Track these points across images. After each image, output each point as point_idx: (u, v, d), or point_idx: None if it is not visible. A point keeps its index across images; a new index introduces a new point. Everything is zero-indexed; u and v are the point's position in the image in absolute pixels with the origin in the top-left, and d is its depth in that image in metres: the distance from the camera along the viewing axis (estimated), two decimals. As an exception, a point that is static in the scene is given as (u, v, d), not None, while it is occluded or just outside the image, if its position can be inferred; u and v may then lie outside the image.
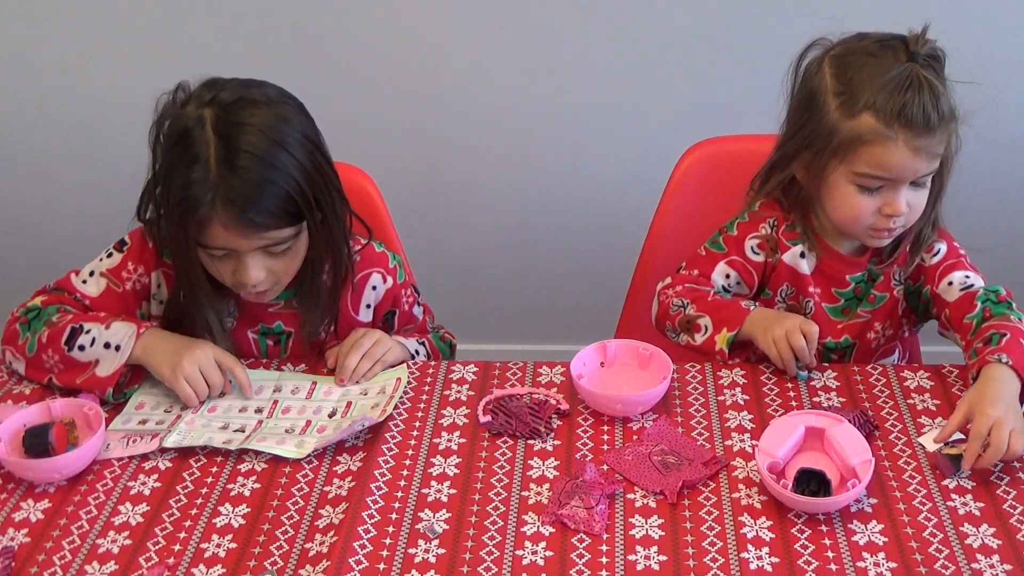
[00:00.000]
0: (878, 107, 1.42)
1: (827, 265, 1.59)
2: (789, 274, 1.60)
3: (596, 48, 2.29)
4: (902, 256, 1.57)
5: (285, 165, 1.40)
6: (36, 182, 2.53)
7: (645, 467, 1.33)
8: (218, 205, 1.37)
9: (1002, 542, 1.20)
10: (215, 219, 1.39)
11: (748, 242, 1.61)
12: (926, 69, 1.42)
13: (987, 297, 1.47)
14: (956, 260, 1.55)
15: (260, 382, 1.53)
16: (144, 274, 1.57)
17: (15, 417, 1.39)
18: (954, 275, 1.53)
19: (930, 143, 1.42)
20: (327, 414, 1.46)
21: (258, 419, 1.46)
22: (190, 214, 1.39)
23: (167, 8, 2.25)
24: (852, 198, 1.48)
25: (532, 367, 1.54)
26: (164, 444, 1.39)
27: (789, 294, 1.62)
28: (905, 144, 1.42)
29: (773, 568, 1.18)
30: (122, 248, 1.58)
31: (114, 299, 1.56)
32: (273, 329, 1.61)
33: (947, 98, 1.42)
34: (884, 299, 1.59)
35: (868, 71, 1.44)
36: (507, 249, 2.58)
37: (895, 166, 1.44)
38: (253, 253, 1.43)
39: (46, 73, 2.38)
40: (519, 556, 1.21)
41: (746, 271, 1.62)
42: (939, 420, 1.39)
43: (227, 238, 1.41)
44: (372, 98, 2.37)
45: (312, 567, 1.20)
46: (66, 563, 1.23)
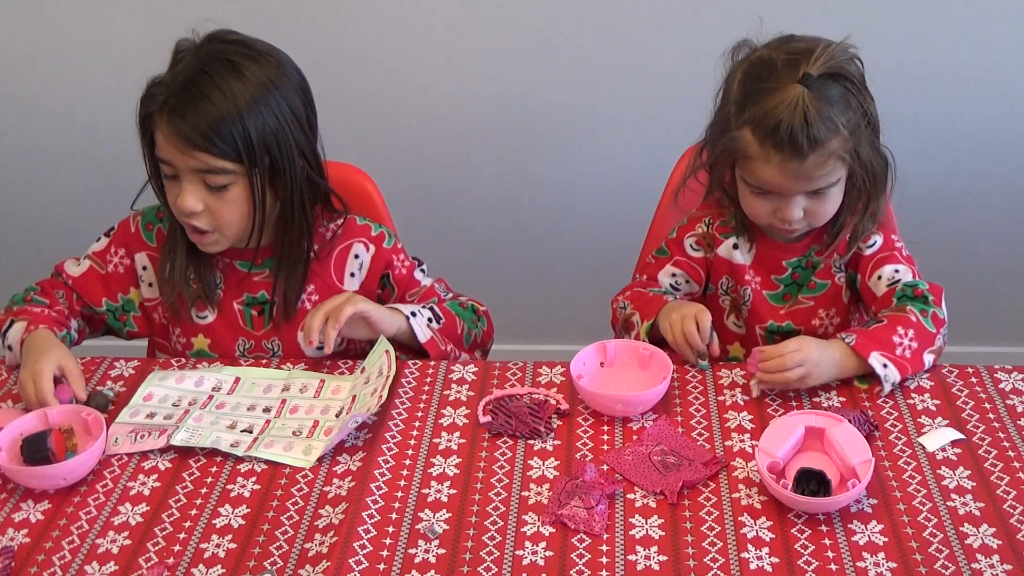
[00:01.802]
0: (755, 125, 1.45)
1: (763, 253, 1.63)
2: (726, 266, 1.65)
3: (596, 48, 2.29)
4: (842, 244, 1.59)
5: (241, 103, 1.46)
6: (42, 179, 2.54)
7: (645, 467, 1.33)
8: (165, 110, 1.45)
9: (1002, 542, 1.20)
10: (160, 123, 1.46)
11: (687, 240, 1.67)
12: (817, 90, 1.42)
13: (904, 293, 1.52)
14: (889, 253, 1.58)
15: (268, 380, 1.53)
16: (126, 256, 1.64)
17: (12, 426, 1.38)
18: (884, 269, 1.56)
19: (801, 167, 1.44)
20: (335, 414, 1.46)
21: (266, 419, 1.46)
22: (143, 118, 1.48)
23: (167, 7, 2.25)
24: (749, 198, 1.54)
25: (532, 367, 1.54)
26: (172, 442, 1.39)
27: (730, 286, 1.66)
28: (777, 166, 1.45)
29: (773, 568, 1.18)
30: (109, 234, 1.67)
31: (95, 279, 1.65)
32: (257, 298, 1.63)
33: (829, 121, 1.42)
34: (826, 286, 1.62)
35: (763, 85, 1.45)
36: (507, 249, 2.58)
37: (770, 183, 1.48)
38: (191, 178, 1.48)
39: (48, 73, 2.38)
40: (519, 556, 1.21)
41: (691, 268, 1.67)
42: (939, 420, 1.39)
43: (167, 148, 1.47)
44: (373, 99, 2.37)
45: (312, 567, 1.20)
46: (66, 563, 1.23)
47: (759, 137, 1.45)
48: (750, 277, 1.64)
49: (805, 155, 1.43)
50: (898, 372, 1.43)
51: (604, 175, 2.44)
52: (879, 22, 2.20)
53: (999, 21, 2.20)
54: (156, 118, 1.46)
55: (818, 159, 1.44)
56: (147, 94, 1.48)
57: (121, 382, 1.55)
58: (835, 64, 1.45)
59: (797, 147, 1.42)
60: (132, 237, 1.64)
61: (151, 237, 1.64)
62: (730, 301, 1.68)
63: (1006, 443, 1.35)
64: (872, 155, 1.51)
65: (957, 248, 2.49)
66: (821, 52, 1.44)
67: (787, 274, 1.63)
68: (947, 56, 2.23)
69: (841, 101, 1.44)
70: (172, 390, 1.51)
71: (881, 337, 1.45)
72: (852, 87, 1.46)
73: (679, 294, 1.68)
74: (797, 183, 1.47)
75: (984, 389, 1.45)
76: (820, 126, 1.42)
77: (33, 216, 2.59)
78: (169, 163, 1.48)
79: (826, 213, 1.53)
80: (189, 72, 1.46)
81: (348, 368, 1.56)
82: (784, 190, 1.49)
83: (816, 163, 1.44)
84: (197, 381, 1.53)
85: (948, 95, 2.28)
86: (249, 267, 1.61)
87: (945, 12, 2.19)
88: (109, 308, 1.65)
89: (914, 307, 1.49)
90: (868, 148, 1.50)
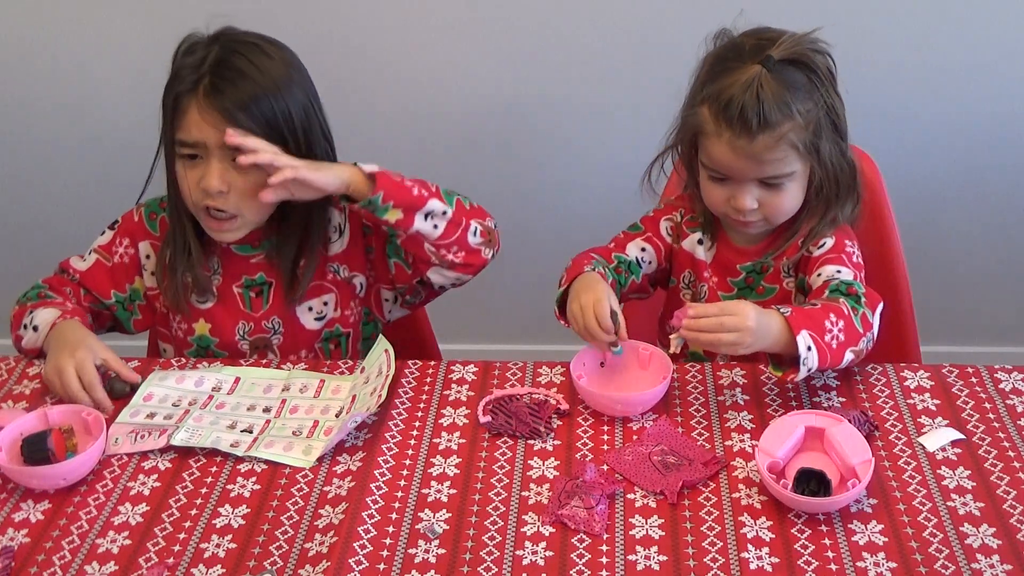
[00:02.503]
0: (711, 100, 1.45)
1: (721, 253, 1.63)
2: (689, 260, 1.65)
3: (596, 47, 2.29)
4: (792, 248, 1.58)
5: (278, 79, 1.50)
6: (41, 177, 2.54)
7: (645, 467, 1.32)
8: (199, 88, 1.46)
9: (1002, 542, 1.20)
10: (194, 102, 1.46)
11: (663, 223, 1.67)
12: (777, 73, 1.42)
13: (837, 288, 1.47)
14: (836, 255, 1.53)
15: (269, 380, 1.53)
16: (131, 246, 1.65)
17: (12, 426, 1.38)
18: (826, 268, 1.52)
19: (749, 146, 1.43)
20: (335, 414, 1.46)
21: (266, 419, 1.46)
22: (173, 100, 1.47)
23: (167, 7, 2.25)
24: (707, 184, 1.53)
25: (532, 367, 1.54)
26: (172, 442, 1.39)
27: (691, 280, 1.66)
28: (727, 143, 1.44)
29: (773, 568, 1.18)
30: (113, 227, 1.68)
31: (102, 272, 1.65)
32: (256, 280, 1.64)
33: (783, 105, 1.41)
34: (773, 291, 1.61)
35: (727, 65, 1.46)
36: (507, 249, 2.57)
37: (721, 163, 1.48)
38: (220, 156, 1.48)
39: (46, 72, 2.38)
40: (519, 556, 1.21)
41: (658, 249, 1.66)
42: (939, 420, 1.39)
43: (200, 127, 1.46)
44: (372, 98, 2.37)
45: (312, 567, 1.20)
46: (66, 563, 1.23)
47: (713, 113, 1.45)
48: (708, 275, 1.63)
49: (754, 134, 1.42)
50: (818, 360, 1.36)
51: (604, 175, 2.44)
52: (879, 22, 2.20)
53: (999, 21, 2.20)
54: (188, 98, 1.46)
55: (768, 140, 1.42)
56: (176, 77, 1.48)
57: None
58: (799, 51, 1.44)
59: (746, 124, 1.41)
60: (136, 227, 1.66)
61: (154, 226, 1.65)
62: (690, 295, 1.67)
63: (1006, 443, 1.35)
64: (836, 157, 1.49)
65: (957, 248, 2.49)
66: (788, 39, 1.45)
67: (740, 277, 1.62)
68: (947, 56, 2.23)
69: (801, 89, 1.43)
70: (172, 390, 1.51)
71: (815, 317, 1.39)
72: (816, 79, 1.45)
73: (642, 270, 1.65)
74: (746, 164, 1.45)
75: (984, 389, 1.45)
76: (772, 107, 1.41)
77: (32, 214, 2.59)
78: (198, 144, 1.48)
79: (782, 208, 1.51)
80: (220, 54, 1.48)
81: (348, 368, 1.56)
82: (735, 171, 1.47)
83: (766, 144, 1.43)
84: (197, 381, 1.53)
85: (948, 94, 2.28)
86: (248, 250, 1.62)
87: (945, 12, 2.19)
88: (118, 299, 1.66)
89: (846, 301, 1.43)
90: (831, 148, 1.48)
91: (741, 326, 1.34)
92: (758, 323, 1.35)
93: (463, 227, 1.58)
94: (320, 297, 1.66)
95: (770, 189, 1.49)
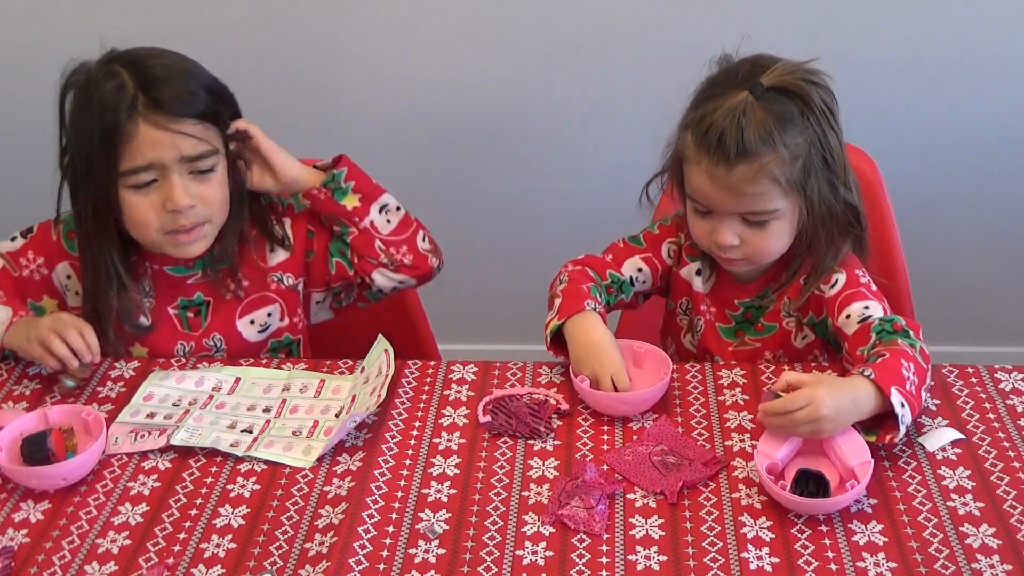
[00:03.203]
0: (695, 126, 1.41)
1: (720, 287, 1.58)
2: (686, 289, 1.61)
3: (595, 47, 2.29)
4: (794, 288, 1.52)
5: (189, 64, 1.49)
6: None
7: (645, 467, 1.33)
8: (138, 106, 1.42)
9: (1002, 542, 1.20)
10: (133, 121, 1.42)
11: (665, 245, 1.61)
12: (764, 101, 1.36)
13: (882, 328, 1.39)
14: (855, 290, 1.46)
15: (269, 380, 1.54)
16: (44, 265, 1.60)
17: (12, 426, 1.38)
18: (852, 307, 1.45)
19: (727, 175, 1.36)
20: (335, 414, 1.46)
21: (266, 419, 1.46)
22: (110, 132, 1.42)
23: (167, 6, 2.25)
24: (691, 216, 1.48)
25: (532, 367, 1.54)
26: (172, 441, 1.39)
27: (688, 308, 1.62)
28: (706, 171, 1.39)
29: (773, 568, 1.18)
30: (27, 235, 1.61)
31: (7, 281, 1.59)
32: (193, 300, 1.62)
33: (766, 135, 1.34)
34: (772, 329, 1.56)
35: (716, 90, 1.41)
36: (507, 249, 2.58)
37: (699, 191, 1.42)
38: (179, 170, 1.46)
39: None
40: (519, 556, 1.21)
41: (655, 270, 1.61)
42: (939, 420, 1.39)
43: (148, 143, 1.42)
44: (367, 99, 2.37)
45: (312, 567, 1.20)
46: (66, 563, 1.23)
47: (695, 139, 1.40)
48: (705, 308, 1.59)
49: (732, 163, 1.35)
50: (911, 413, 1.29)
51: (604, 176, 2.44)
52: (879, 22, 2.20)
53: (999, 20, 2.20)
54: (130, 124, 1.42)
55: (746, 171, 1.36)
56: (100, 106, 1.42)
57: (121, 383, 1.55)
58: (791, 80, 1.37)
59: (724, 152, 1.35)
60: (53, 246, 1.59)
61: (73, 246, 1.58)
62: (687, 322, 1.63)
63: (1006, 443, 1.35)
64: (831, 198, 1.42)
65: (957, 248, 2.49)
66: (781, 66, 1.38)
67: (739, 312, 1.57)
68: (947, 56, 2.23)
69: (790, 122, 1.37)
70: (172, 390, 1.51)
71: (894, 369, 1.30)
72: (809, 112, 1.38)
73: (634, 289, 1.61)
74: (724, 195, 1.39)
75: (984, 389, 1.45)
76: (752, 135, 1.34)
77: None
78: (152, 165, 1.44)
79: (766, 249, 1.45)
80: (134, 70, 1.44)
81: (348, 368, 1.56)
82: (713, 203, 1.41)
83: (744, 175, 1.36)
84: (197, 381, 1.53)
85: (948, 94, 2.28)
86: (183, 271, 1.60)
87: (945, 12, 2.19)
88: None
89: (901, 339, 1.36)
90: (821, 187, 1.40)
91: (814, 417, 1.25)
92: (835, 409, 1.25)
93: (413, 229, 1.66)
94: (263, 308, 1.65)
95: (753, 227, 1.42)
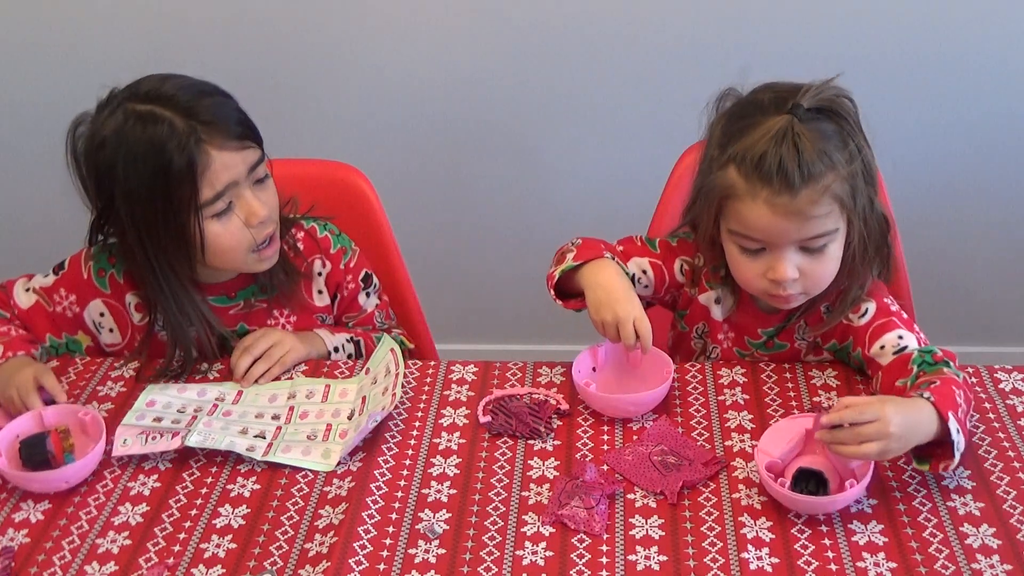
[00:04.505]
0: (739, 159, 1.33)
1: (742, 317, 1.53)
2: (703, 315, 1.56)
3: (595, 46, 2.29)
4: (815, 317, 1.48)
5: (195, 81, 1.46)
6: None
7: (645, 467, 1.33)
8: (200, 134, 1.39)
9: (1002, 542, 1.20)
10: (206, 151, 1.39)
11: (678, 261, 1.55)
12: (808, 122, 1.32)
13: (922, 360, 1.36)
14: (887, 320, 1.43)
15: (272, 391, 1.51)
16: (76, 303, 1.58)
17: (7, 428, 1.38)
18: (886, 337, 1.41)
19: (792, 202, 1.31)
20: (346, 416, 1.44)
21: (276, 425, 1.44)
22: (185, 170, 1.38)
23: (165, 6, 2.25)
24: (737, 259, 1.41)
25: (532, 367, 1.54)
26: (187, 443, 1.38)
27: (704, 332, 1.58)
28: (765, 202, 1.32)
29: (773, 568, 1.18)
30: (58, 272, 1.60)
31: (42, 316, 1.59)
32: (237, 331, 1.60)
33: (822, 153, 1.31)
34: (783, 347, 1.53)
35: (748, 122, 1.35)
36: (506, 249, 2.58)
37: (757, 226, 1.34)
38: (249, 185, 1.45)
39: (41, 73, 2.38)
40: (519, 556, 1.21)
41: (661, 280, 1.56)
42: (939, 420, 1.39)
43: (226, 169, 1.41)
44: (368, 98, 2.37)
45: (312, 567, 1.20)
46: (66, 563, 1.23)
47: (744, 172, 1.33)
48: (723, 336, 1.55)
49: (797, 188, 1.30)
50: (964, 441, 1.25)
51: (605, 175, 2.44)
52: (879, 22, 2.20)
53: (999, 20, 2.20)
54: (199, 152, 1.39)
55: (812, 194, 1.31)
56: (159, 155, 1.38)
57: (121, 382, 1.54)
58: (826, 99, 1.34)
59: (787, 178, 1.30)
60: (84, 285, 1.57)
61: (104, 284, 1.57)
62: (702, 346, 1.60)
63: (1006, 443, 1.35)
64: (869, 212, 1.38)
65: (957, 248, 2.49)
66: (811, 87, 1.34)
67: (761, 341, 1.54)
68: (947, 56, 2.23)
69: (836, 137, 1.34)
70: (175, 398, 1.49)
71: (948, 395, 1.26)
72: (848, 127, 1.35)
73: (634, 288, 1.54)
74: (789, 223, 1.33)
75: (984, 389, 1.45)
76: (813, 155, 1.30)
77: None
78: (228, 187, 1.42)
79: (824, 275, 1.39)
80: (180, 101, 1.41)
81: (349, 369, 1.56)
82: (774, 235, 1.35)
83: (810, 198, 1.31)
84: (199, 392, 1.51)
85: (949, 94, 2.28)
86: (225, 301, 1.58)
87: (945, 12, 2.19)
88: (53, 344, 1.60)
89: (948, 370, 1.33)
90: (866, 203, 1.37)
91: (883, 433, 1.20)
92: (903, 427, 1.21)
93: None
94: None
95: (811, 254, 1.37)
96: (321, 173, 1.80)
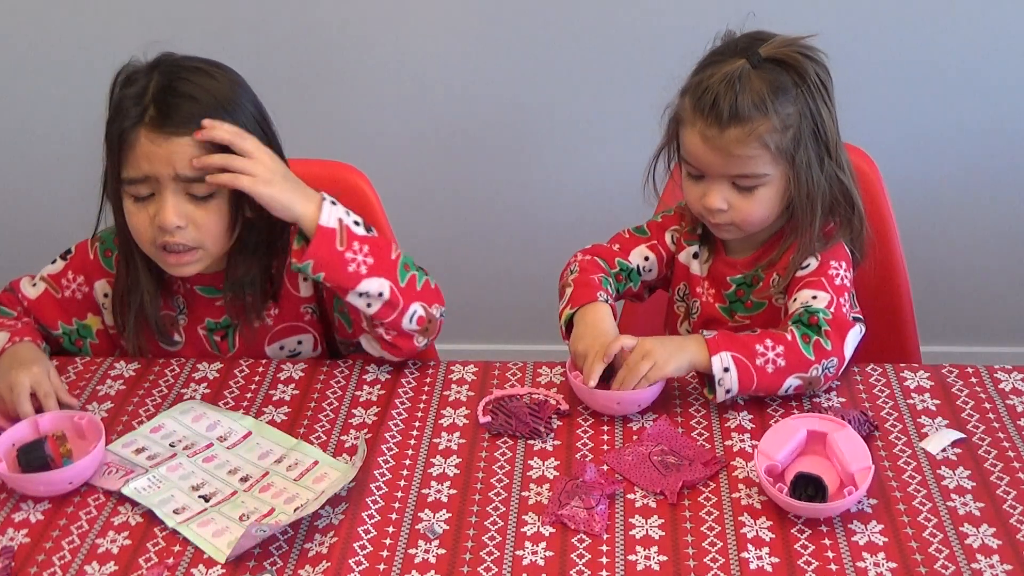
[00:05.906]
0: (692, 91, 1.46)
1: (716, 267, 1.60)
2: (684, 274, 1.63)
3: (595, 46, 2.29)
4: (783, 265, 1.53)
5: (221, 98, 1.44)
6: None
7: (645, 467, 1.33)
8: (145, 119, 1.40)
9: (1002, 542, 1.20)
10: (140, 134, 1.40)
11: (668, 232, 1.64)
12: (761, 70, 1.41)
13: (799, 318, 1.43)
14: (816, 279, 1.47)
15: (272, 445, 1.40)
16: (84, 284, 1.60)
17: (4, 436, 1.37)
18: (804, 292, 1.47)
19: (720, 138, 1.41)
20: (295, 507, 1.29)
21: (233, 489, 1.33)
22: (117, 137, 1.41)
23: (166, 6, 2.25)
24: (685, 181, 1.52)
25: (532, 367, 1.54)
26: (123, 490, 1.31)
27: (685, 293, 1.64)
28: (699, 132, 1.43)
29: (773, 568, 1.18)
30: (66, 257, 1.62)
31: (51, 304, 1.60)
32: (220, 323, 1.60)
33: (759, 101, 1.39)
34: (762, 306, 1.57)
35: (714, 59, 1.46)
36: (506, 249, 2.58)
37: (693, 153, 1.46)
38: (174, 188, 1.41)
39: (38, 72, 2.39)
40: (519, 556, 1.21)
41: (661, 258, 1.64)
42: (939, 420, 1.39)
43: (148, 160, 1.40)
44: (369, 98, 2.38)
45: (312, 567, 1.20)
46: (66, 563, 1.23)
47: (691, 102, 1.45)
48: (702, 290, 1.61)
49: (725, 124, 1.40)
50: (738, 382, 1.38)
51: (604, 174, 2.44)
52: (879, 21, 2.20)
53: (999, 20, 2.20)
54: (133, 132, 1.40)
55: (738, 134, 1.40)
56: (117, 111, 1.42)
57: (121, 381, 1.55)
58: (788, 52, 1.42)
59: (718, 114, 1.40)
60: (91, 264, 1.60)
61: (110, 264, 1.58)
62: (684, 308, 1.65)
63: (1006, 443, 1.35)
64: (816, 172, 1.44)
65: (957, 248, 2.49)
66: (779, 39, 1.44)
67: (732, 290, 1.59)
68: (947, 56, 2.24)
69: (784, 91, 1.41)
70: (181, 427, 1.43)
71: (743, 341, 1.39)
72: (804, 85, 1.42)
73: (642, 278, 1.63)
74: (715, 156, 1.43)
75: (984, 389, 1.45)
76: (746, 100, 1.39)
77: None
78: (148, 178, 1.41)
79: (752, 215, 1.47)
80: (162, 80, 1.42)
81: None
82: (703, 164, 1.45)
83: (736, 138, 1.40)
84: (210, 425, 1.43)
85: (949, 94, 2.28)
86: (212, 292, 1.58)
87: (945, 12, 2.19)
88: (65, 331, 1.61)
89: (796, 330, 1.41)
90: (812, 160, 1.44)
91: (644, 352, 1.39)
92: (660, 344, 1.40)
93: (399, 310, 1.48)
94: (294, 337, 1.62)
95: (741, 192, 1.45)
96: (321, 173, 1.79)
